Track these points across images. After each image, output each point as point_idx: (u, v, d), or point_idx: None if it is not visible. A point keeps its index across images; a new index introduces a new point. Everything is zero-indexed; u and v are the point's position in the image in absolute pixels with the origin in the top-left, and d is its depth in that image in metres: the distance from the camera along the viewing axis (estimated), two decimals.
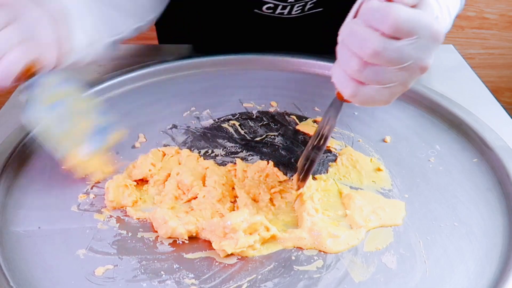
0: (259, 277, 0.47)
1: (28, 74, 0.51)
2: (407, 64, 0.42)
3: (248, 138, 0.65)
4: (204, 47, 0.84)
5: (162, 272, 0.47)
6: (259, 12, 0.78)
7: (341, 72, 0.44)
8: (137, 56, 0.82)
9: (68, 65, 0.55)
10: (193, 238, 0.51)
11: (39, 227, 0.52)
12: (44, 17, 0.51)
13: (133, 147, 0.63)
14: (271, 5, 0.76)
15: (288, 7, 0.76)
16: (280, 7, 0.76)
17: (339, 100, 0.49)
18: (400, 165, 0.60)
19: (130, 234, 0.51)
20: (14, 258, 0.48)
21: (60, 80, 0.54)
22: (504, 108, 0.72)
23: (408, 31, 0.40)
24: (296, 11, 0.77)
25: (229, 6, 0.80)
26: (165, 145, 0.63)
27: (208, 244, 0.50)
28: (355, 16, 0.44)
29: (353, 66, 0.43)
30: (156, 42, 0.96)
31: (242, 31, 0.84)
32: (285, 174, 0.58)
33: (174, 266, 0.48)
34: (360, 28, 0.42)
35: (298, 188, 0.54)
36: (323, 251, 0.49)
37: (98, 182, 0.57)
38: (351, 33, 0.42)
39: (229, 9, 0.81)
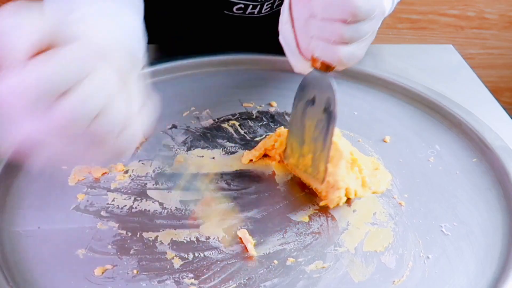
0: (259, 276, 0.47)
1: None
2: (376, 12, 0.46)
3: (248, 138, 0.65)
4: (174, 48, 0.83)
5: (161, 272, 0.47)
6: (229, 13, 0.78)
7: (324, 43, 0.48)
8: None
9: None
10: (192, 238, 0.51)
11: (39, 227, 0.52)
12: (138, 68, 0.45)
13: None
14: (242, 5, 0.76)
15: (258, 6, 0.76)
16: (250, 7, 0.76)
17: (322, 72, 0.51)
18: (400, 165, 0.60)
19: (129, 234, 0.51)
20: (14, 258, 0.48)
21: None
22: (504, 108, 0.72)
23: None
24: (265, 9, 0.77)
25: (199, 8, 0.80)
26: (165, 145, 0.63)
27: (208, 243, 0.50)
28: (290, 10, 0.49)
29: (336, 30, 0.46)
30: None
31: (212, 32, 0.83)
32: None
33: (174, 266, 0.48)
34: None
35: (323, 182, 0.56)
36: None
37: (98, 181, 0.57)
38: (329, 3, 0.45)
39: (198, 11, 0.81)
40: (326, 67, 0.50)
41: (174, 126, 0.67)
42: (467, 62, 0.84)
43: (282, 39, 0.53)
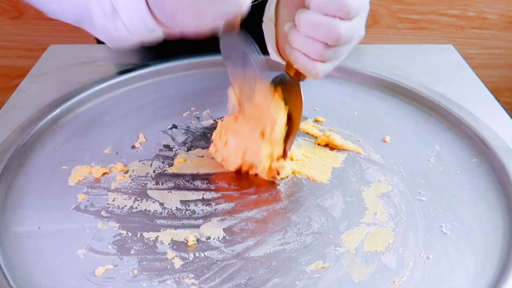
0: (259, 276, 0.47)
1: None
2: (356, 38, 0.51)
3: None
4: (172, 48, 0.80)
5: (162, 272, 0.47)
6: None
7: (304, 57, 0.51)
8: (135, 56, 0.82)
9: None
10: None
11: (39, 227, 0.52)
12: None
13: (133, 147, 0.63)
14: None
15: None
16: None
17: (294, 79, 0.56)
18: (400, 165, 0.60)
19: (130, 234, 0.51)
20: (14, 258, 0.48)
21: None
22: (504, 108, 0.72)
23: (357, 11, 0.49)
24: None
25: None
26: (165, 145, 0.63)
27: (207, 243, 0.50)
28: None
29: (318, 50, 0.50)
30: None
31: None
32: None
33: (174, 266, 0.48)
34: (323, 19, 0.48)
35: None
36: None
37: (98, 182, 0.57)
38: (315, 24, 0.49)
39: None
40: (299, 76, 0.55)
41: (174, 126, 0.67)
42: (467, 62, 0.84)
43: (264, 31, 0.57)
